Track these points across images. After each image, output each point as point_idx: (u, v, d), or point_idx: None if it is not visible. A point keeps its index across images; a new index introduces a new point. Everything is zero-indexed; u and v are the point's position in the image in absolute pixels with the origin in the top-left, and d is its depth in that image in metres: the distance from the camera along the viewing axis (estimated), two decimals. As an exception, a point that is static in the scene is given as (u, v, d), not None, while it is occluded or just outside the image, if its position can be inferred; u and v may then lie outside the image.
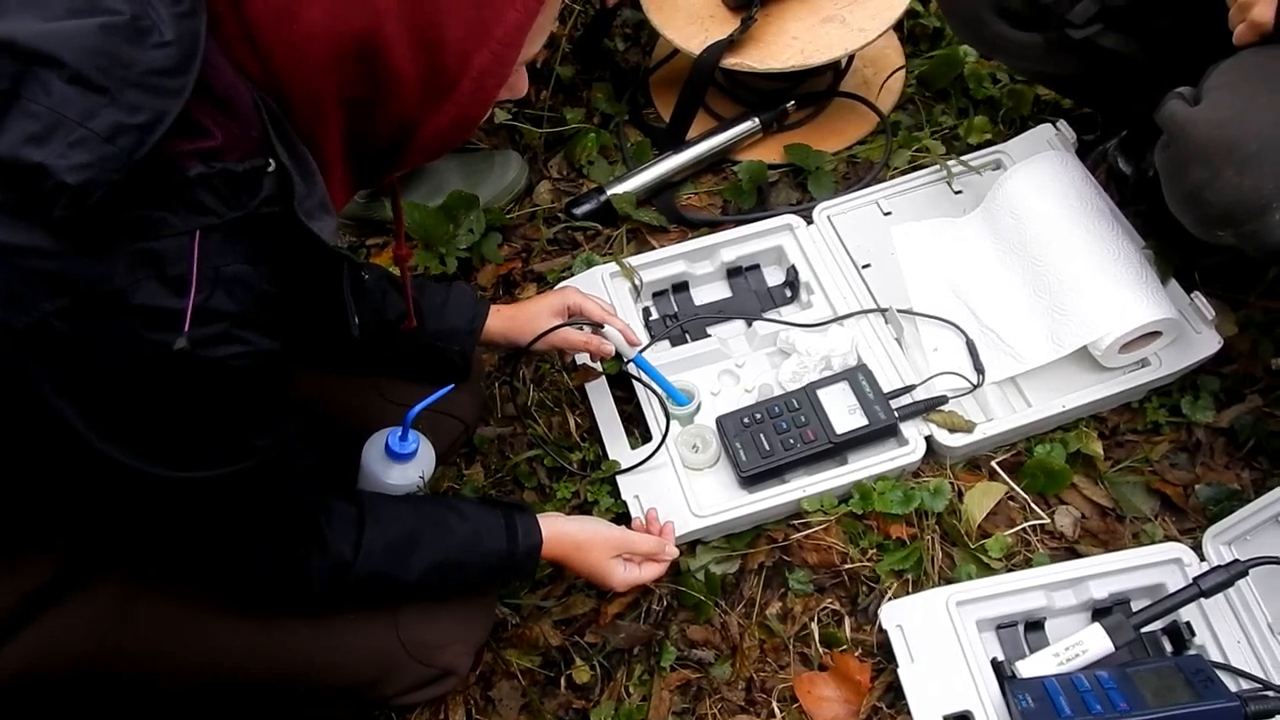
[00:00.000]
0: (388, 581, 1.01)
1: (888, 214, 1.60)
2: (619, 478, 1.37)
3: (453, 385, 1.19)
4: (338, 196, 0.83)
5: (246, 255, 0.74)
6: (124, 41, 0.66)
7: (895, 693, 1.20)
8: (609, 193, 1.70)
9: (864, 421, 1.35)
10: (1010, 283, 1.46)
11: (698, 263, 1.58)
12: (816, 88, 1.81)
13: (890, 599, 1.26)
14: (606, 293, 1.52)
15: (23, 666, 0.90)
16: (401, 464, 1.21)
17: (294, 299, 0.80)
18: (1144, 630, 1.16)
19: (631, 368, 1.41)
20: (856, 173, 1.74)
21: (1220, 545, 1.22)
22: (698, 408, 1.44)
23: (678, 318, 1.55)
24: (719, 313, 1.55)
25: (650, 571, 1.22)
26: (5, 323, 0.67)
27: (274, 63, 0.73)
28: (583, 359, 1.46)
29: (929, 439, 1.36)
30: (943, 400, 1.37)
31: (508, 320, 1.33)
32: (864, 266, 1.54)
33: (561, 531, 1.16)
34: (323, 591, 0.97)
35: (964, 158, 1.60)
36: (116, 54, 0.65)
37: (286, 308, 0.79)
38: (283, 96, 0.75)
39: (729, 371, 1.49)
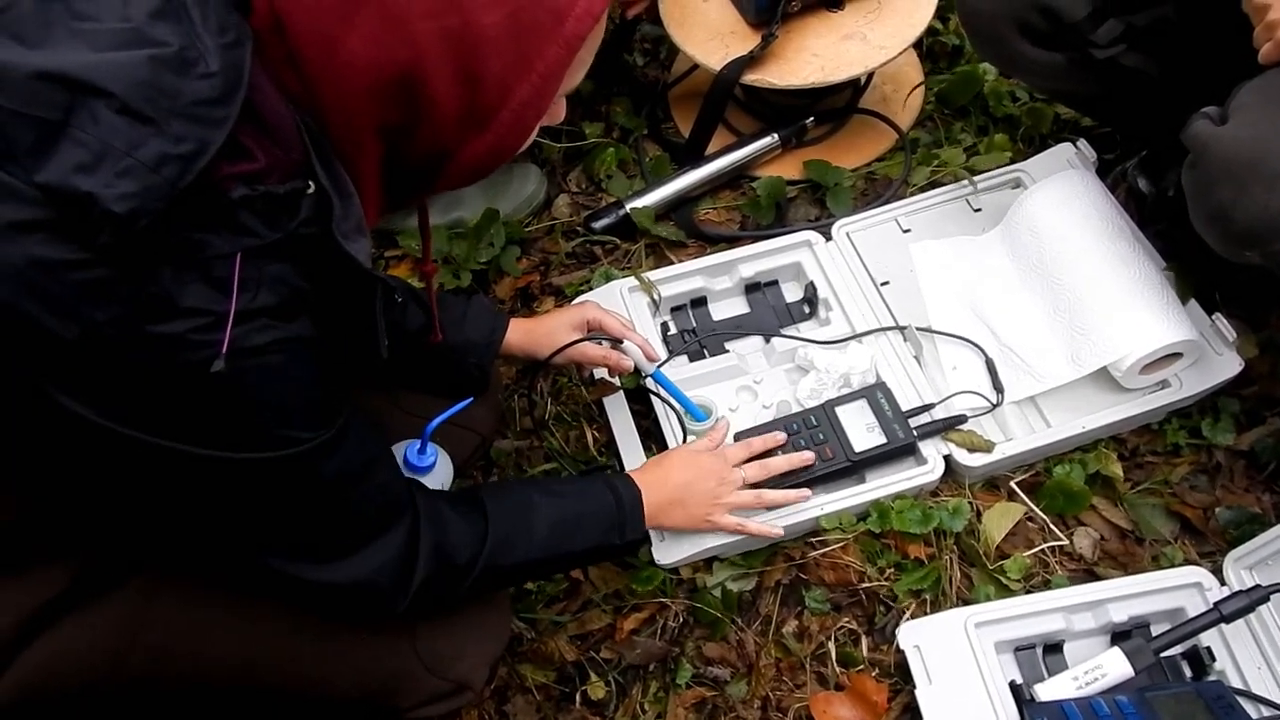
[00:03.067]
0: (520, 543, 1.03)
1: (907, 231, 1.60)
2: (636, 493, 1.36)
3: (471, 399, 1.20)
4: (369, 217, 0.84)
5: (288, 259, 0.75)
6: (171, 73, 0.67)
7: (912, 714, 1.20)
8: (628, 207, 1.71)
9: (882, 440, 1.34)
10: (1030, 302, 1.45)
11: (716, 278, 1.58)
12: (835, 104, 1.81)
13: (908, 619, 1.26)
14: (625, 307, 1.52)
15: (37, 676, 0.90)
16: (420, 477, 1.21)
17: (329, 312, 0.80)
18: (1163, 655, 1.15)
19: (650, 383, 1.41)
20: (875, 189, 1.74)
21: (1241, 570, 1.22)
22: (715, 423, 1.44)
23: (696, 333, 1.55)
24: (737, 328, 1.55)
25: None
26: (58, 334, 0.68)
27: (315, 89, 0.74)
28: (601, 373, 1.46)
29: (948, 458, 1.35)
30: (962, 419, 1.37)
31: (526, 334, 1.33)
32: (883, 284, 1.53)
33: (653, 476, 1.19)
34: (468, 562, 0.99)
35: (984, 174, 1.60)
36: (163, 85, 0.66)
37: (324, 309, 0.80)
38: (323, 120, 0.76)
39: (747, 387, 1.48)
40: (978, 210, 1.60)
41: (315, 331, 0.79)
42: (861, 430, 1.35)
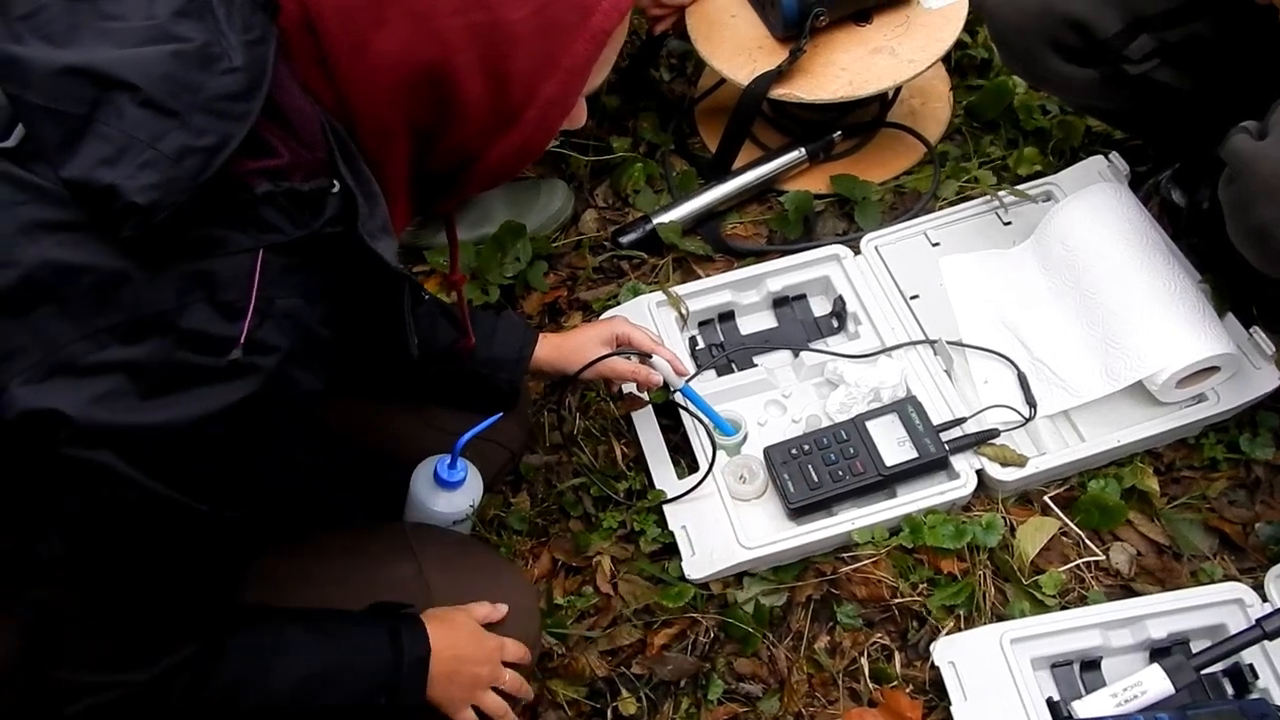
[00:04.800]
0: (252, 690, 0.89)
1: (936, 245, 1.59)
2: (665, 507, 1.36)
3: (501, 414, 1.19)
4: (398, 222, 0.84)
5: (304, 290, 0.75)
6: (194, 67, 0.67)
7: (948, 731, 1.18)
8: (655, 222, 1.70)
9: (914, 454, 1.33)
10: (1062, 315, 1.44)
11: (744, 292, 1.58)
12: (863, 118, 1.81)
13: (942, 635, 1.24)
14: (653, 322, 1.52)
15: None
16: (450, 492, 1.21)
17: (347, 334, 0.80)
18: (1205, 672, 1.13)
19: (678, 397, 1.41)
20: (904, 203, 1.73)
21: (1283, 586, 1.20)
22: (744, 438, 1.43)
23: (724, 347, 1.55)
24: (765, 342, 1.54)
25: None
26: (52, 335, 0.67)
27: (345, 88, 0.75)
28: (629, 388, 1.45)
29: (980, 473, 1.34)
30: (994, 433, 1.36)
31: (555, 349, 1.33)
32: (912, 298, 1.53)
33: (442, 636, 1.01)
34: (183, 696, 0.84)
35: (1016, 188, 1.59)
36: (186, 79, 0.67)
37: (335, 351, 0.79)
38: (350, 121, 0.76)
39: (776, 402, 1.48)
40: (1008, 224, 1.59)
41: (321, 385, 0.77)
42: (892, 445, 1.35)
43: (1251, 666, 1.15)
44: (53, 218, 0.66)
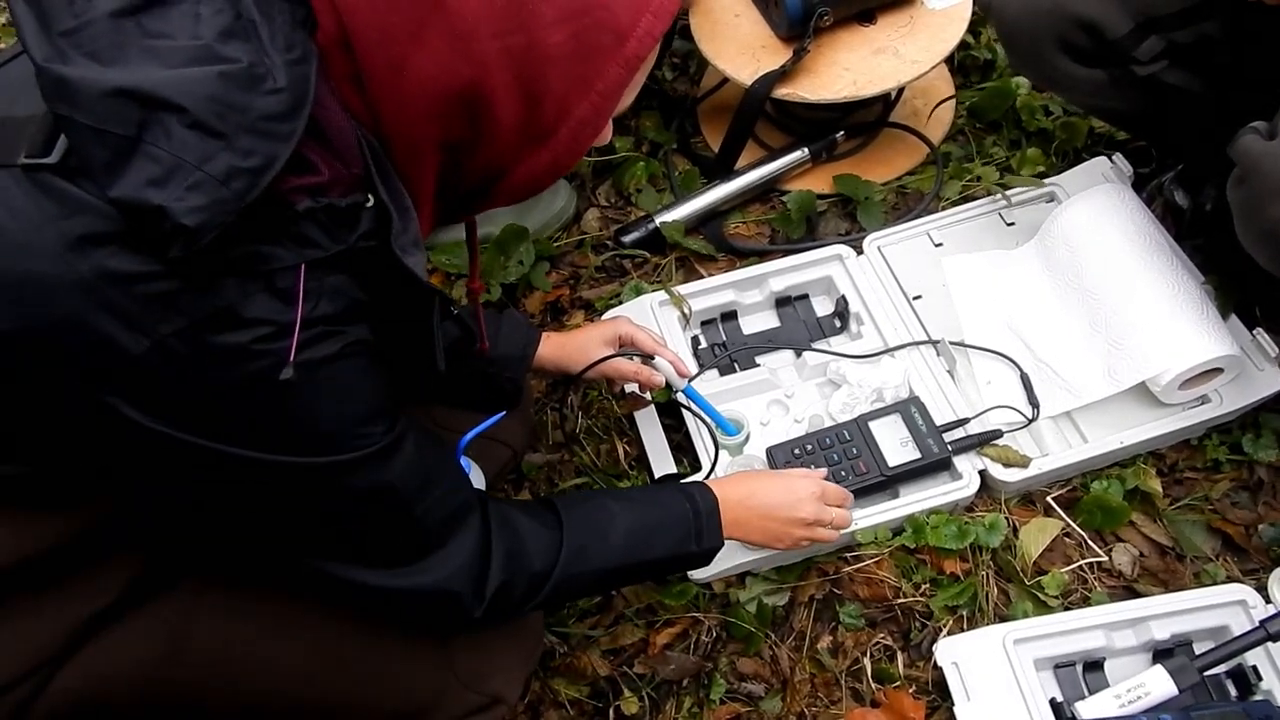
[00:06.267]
0: (596, 551, 1.02)
1: (939, 245, 1.59)
2: (668, 507, 1.36)
3: (504, 412, 1.19)
4: (420, 232, 0.84)
5: (345, 270, 0.76)
6: (240, 88, 0.68)
7: (951, 731, 1.18)
8: (657, 221, 1.70)
9: (916, 454, 1.33)
10: (1065, 316, 1.44)
11: (746, 292, 1.58)
12: (866, 118, 1.81)
13: (945, 635, 1.24)
14: (655, 321, 1.51)
15: (85, 683, 0.90)
16: (452, 490, 1.21)
17: (385, 325, 0.81)
18: (1208, 673, 1.13)
19: (681, 397, 1.41)
20: (906, 203, 1.73)
21: (1286, 587, 1.20)
22: (747, 438, 1.43)
23: (726, 347, 1.54)
24: (768, 342, 1.54)
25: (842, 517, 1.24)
26: (126, 347, 0.69)
27: (379, 105, 0.75)
28: (632, 388, 1.45)
29: (983, 473, 1.34)
30: (997, 434, 1.36)
31: (558, 348, 1.33)
32: (915, 298, 1.53)
33: (731, 486, 1.16)
34: (544, 569, 0.98)
35: (1017, 188, 1.59)
36: (233, 100, 0.67)
37: (381, 322, 0.81)
38: (384, 136, 0.77)
39: (778, 401, 1.48)
40: (1011, 224, 1.59)
41: (373, 337, 0.80)
42: (895, 445, 1.35)
43: (1255, 668, 1.15)
44: (99, 230, 0.67)
